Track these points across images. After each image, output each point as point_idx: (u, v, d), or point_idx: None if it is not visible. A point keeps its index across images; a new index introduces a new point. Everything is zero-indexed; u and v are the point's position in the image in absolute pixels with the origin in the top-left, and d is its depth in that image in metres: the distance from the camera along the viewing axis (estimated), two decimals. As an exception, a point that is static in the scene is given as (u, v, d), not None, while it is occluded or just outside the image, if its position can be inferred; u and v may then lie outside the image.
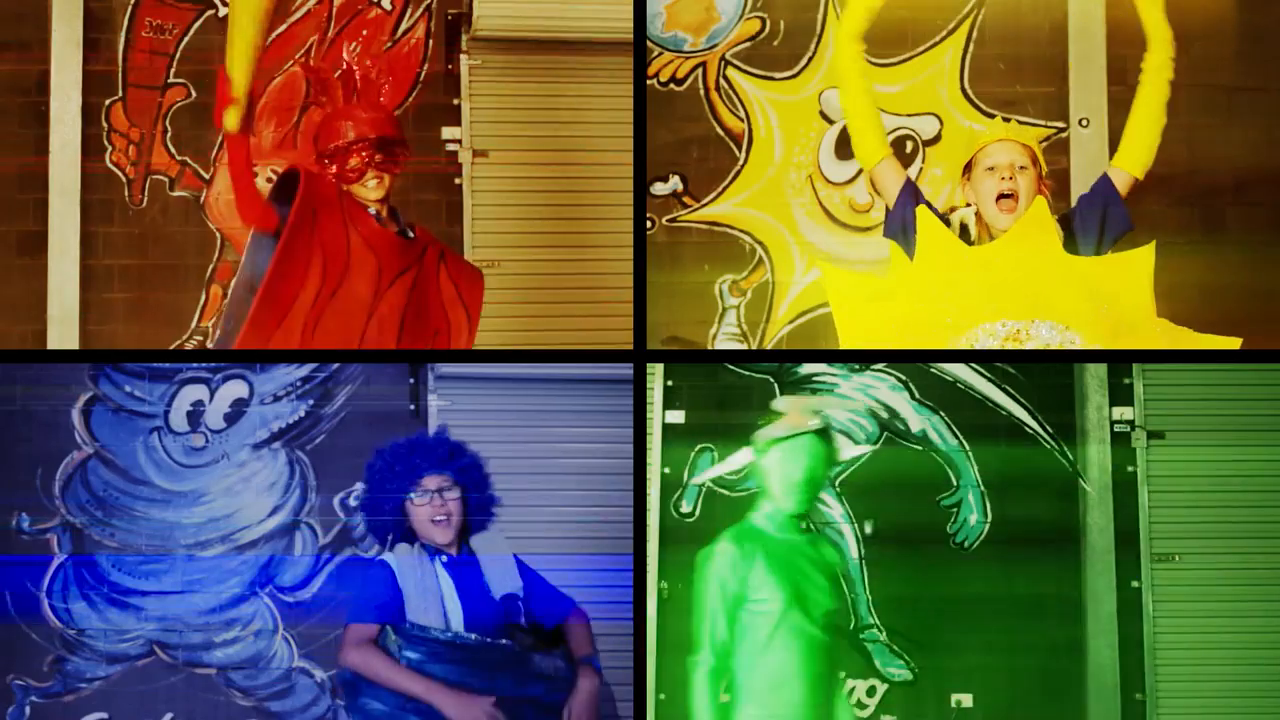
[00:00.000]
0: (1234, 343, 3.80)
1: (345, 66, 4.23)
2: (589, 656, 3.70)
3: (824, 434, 3.51)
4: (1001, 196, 3.86)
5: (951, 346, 3.82)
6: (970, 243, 3.93)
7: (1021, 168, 3.87)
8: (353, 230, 4.05)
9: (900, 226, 3.95)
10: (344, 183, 4.11)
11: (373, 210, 4.12)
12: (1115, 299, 3.76)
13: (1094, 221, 3.90)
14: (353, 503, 4.63)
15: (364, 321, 4.05)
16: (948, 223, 3.93)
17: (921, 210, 3.91)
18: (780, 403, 3.56)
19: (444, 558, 3.71)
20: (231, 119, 3.92)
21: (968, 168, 3.95)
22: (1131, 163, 3.90)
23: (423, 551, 3.70)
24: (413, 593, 3.61)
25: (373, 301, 4.05)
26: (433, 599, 3.61)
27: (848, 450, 3.60)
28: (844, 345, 3.94)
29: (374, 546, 3.86)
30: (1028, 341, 3.77)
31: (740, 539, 3.46)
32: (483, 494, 3.81)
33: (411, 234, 4.22)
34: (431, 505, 3.70)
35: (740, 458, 3.61)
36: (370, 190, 4.09)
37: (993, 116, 5.32)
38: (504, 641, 3.60)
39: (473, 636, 3.56)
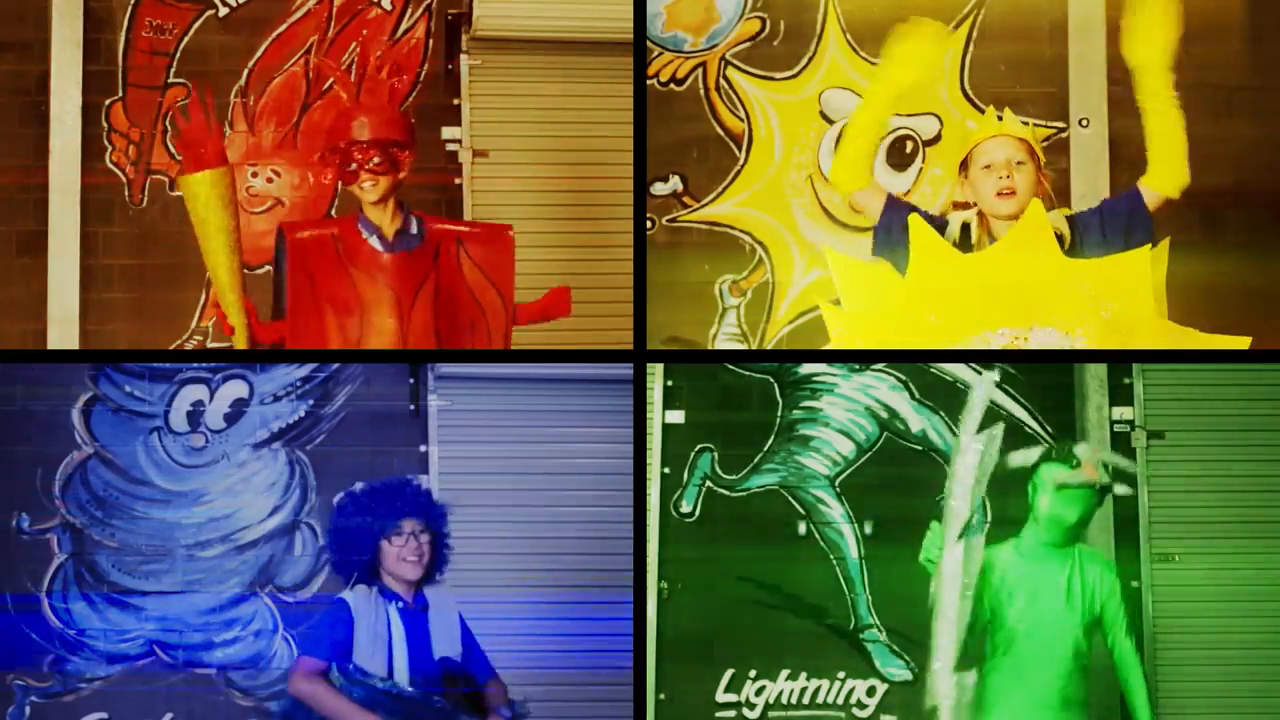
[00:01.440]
0: (1244, 342, 3.79)
1: (357, 61, 4.20)
2: (498, 707, 3.82)
3: (1104, 489, 3.78)
4: (1001, 193, 3.83)
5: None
6: (971, 244, 3.92)
7: (1019, 163, 3.84)
8: (356, 271, 4.04)
9: (888, 242, 3.93)
10: (342, 182, 4.09)
11: (375, 236, 4.07)
12: (1116, 301, 3.75)
13: (1119, 229, 3.86)
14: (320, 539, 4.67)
15: (398, 345, 4.04)
16: (947, 224, 3.92)
17: (914, 219, 3.89)
18: (1081, 450, 3.78)
19: (400, 603, 3.75)
20: (239, 341, 4.08)
21: (964, 165, 3.93)
22: (1163, 184, 3.86)
23: (379, 596, 3.75)
24: (363, 637, 3.69)
25: (401, 327, 4.03)
26: (380, 645, 3.69)
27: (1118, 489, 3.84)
28: (844, 314, 3.93)
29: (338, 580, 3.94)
30: (1029, 346, 3.76)
31: (998, 559, 3.75)
32: (445, 543, 3.91)
33: (417, 230, 4.14)
34: (407, 546, 3.75)
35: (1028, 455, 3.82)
36: (367, 192, 4.05)
37: (986, 109, 5.33)
38: (436, 699, 3.67)
39: (410, 689, 3.64)
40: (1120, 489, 4.21)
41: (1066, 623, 3.64)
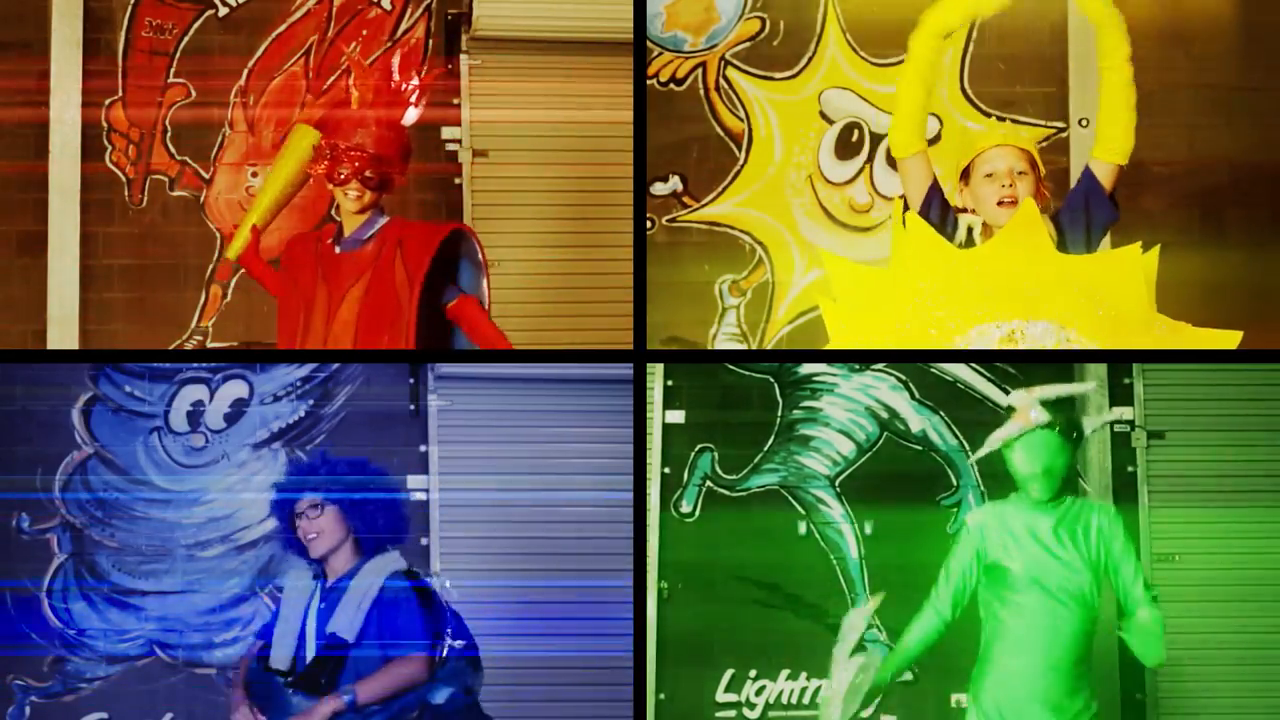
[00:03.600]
0: (1234, 336, 3.78)
1: (381, 66, 4.17)
2: (350, 694, 3.61)
3: (1053, 425, 3.65)
4: (1002, 203, 3.83)
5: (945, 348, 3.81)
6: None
7: (1020, 173, 3.83)
8: (318, 269, 4.10)
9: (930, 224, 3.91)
10: (330, 182, 4.05)
11: (338, 242, 4.09)
12: (1110, 296, 3.75)
13: (1080, 215, 3.86)
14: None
15: (322, 342, 4.05)
16: (956, 225, 3.91)
17: (911, 216, 3.88)
18: (1013, 397, 3.72)
19: (324, 582, 3.72)
20: (234, 249, 4.30)
21: (965, 174, 3.92)
22: (1109, 151, 3.84)
23: (315, 579, 3.74)
24: (280, 620, 3.70)
25: (325, 325, 4.04)
26: (290, 628, 3.67)
27: (1088, 424, 3.77)
28: (832, 333, 3.92)
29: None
30: (1023, 343, 3.76)
31: (994, 512, 3.71)
32: (362, 495, 3.78)
33: (373, 231, 4.08)
34: (303, 525, 3.73)
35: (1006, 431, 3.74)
36: (349, 201, 4.03)
37: (990, 117, 5.32)
38: (280, 676, 3.66)
39: (278, 669, 3.65)
40: (1096, 421, 4.12)
41: (1071, 574, 3.60)
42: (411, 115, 4.15)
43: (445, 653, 3.70)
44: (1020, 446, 3.66)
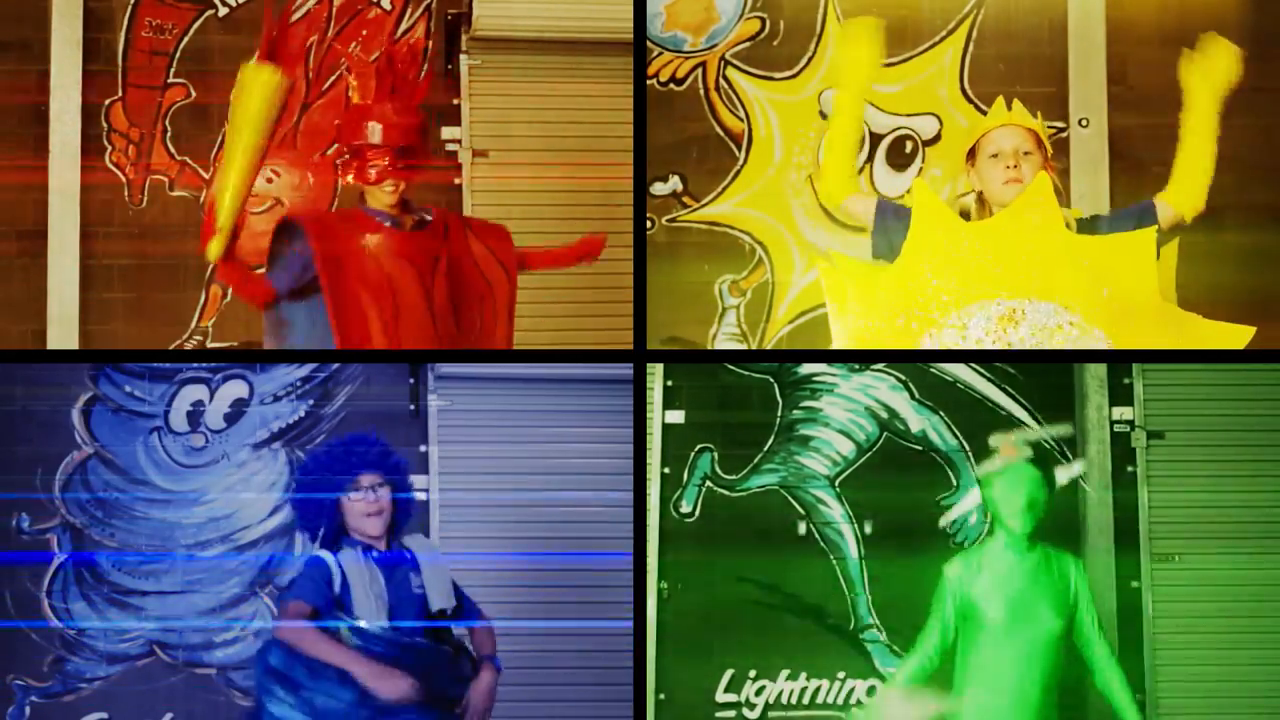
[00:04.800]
0: (1248, 331, 3.78)
1: (383, 58, 4.12)
2: (491, 655, 3.84)
3: (1035, 461, 3.73)
4: (1008, 182, 3.83)
5: (945, 324, 3.80)
6: None
7: (1026, 153, 3.84)
8: (379, 250, 3.98)
9: (888, 245, 3.92)
10: (361, 182, 4.01)
11: (386, 219, 4.01)
12: (1118, 280, 3.74)
13: (1124, 229, 3.86)
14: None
15: (430, 322, 4.00)
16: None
17: (918, 183, 3.91)
18: (995, 438, 3.80)
19: (375, 553, 3.75)
20: (213, 249, 3.85)
21: (971, 154, 3.93)
22: (1180, 203, 3.85)
23: (362, 554, 3.75)
24: (359, 592, 3.68)
25: (428, 302, 4.00)
26: (374, 598, 3.69)
27: (1062, 474, 3.86)
28: (835, 325, 3.92)
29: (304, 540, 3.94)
30: (1023, 321, 3.75)
31: (970, 558, 3.77)
32: (408, 493, 3.89)
33: (429, 216, 4.10)
34: (366, 501, 3.76)
35: (971, 500, 4.03)
36: (386, 195, 3.98)
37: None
38: (426, 643, 3.70)
39: (417, 638, 3.69)
40: (1064, 473, 4.17)
41: (1042, 619, 3.66)
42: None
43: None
44: (1002, 480, 3.71)
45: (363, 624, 3.64)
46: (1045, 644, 3.64)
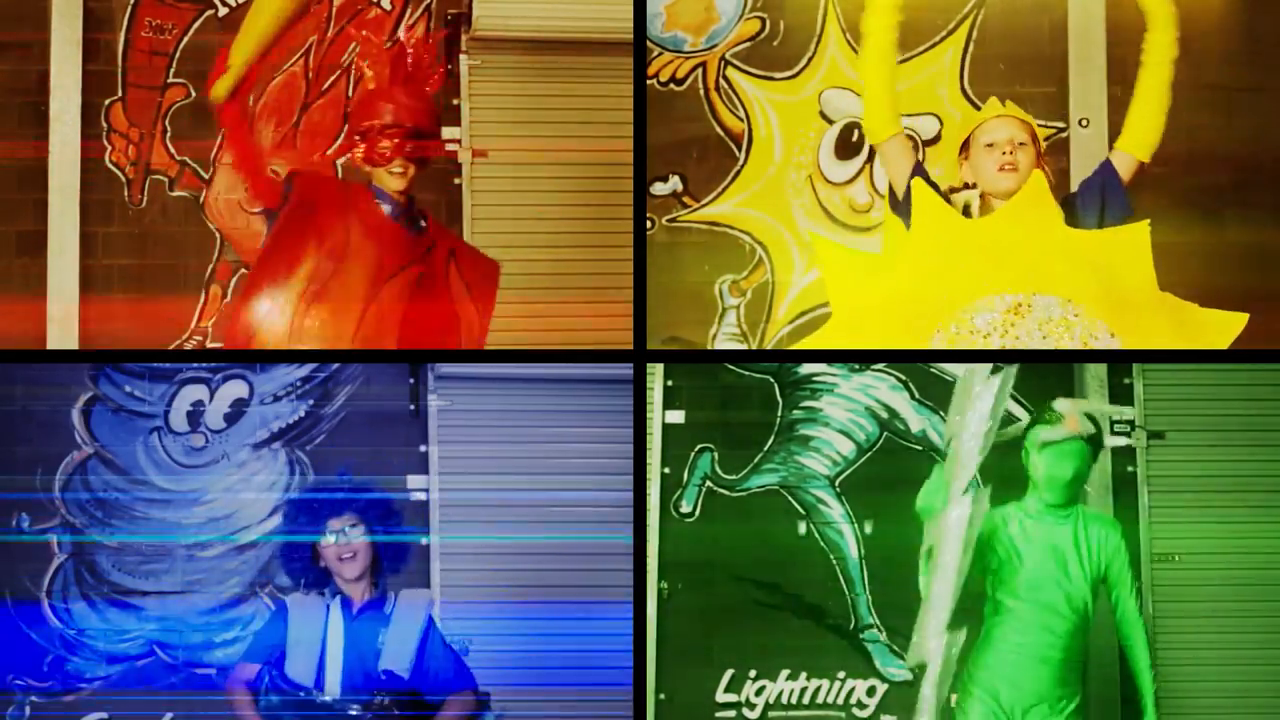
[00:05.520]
0: (1240, 319, 3.79)
1: (398, 44, 4.11)
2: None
3: (1093, 439, 3.75)
4: (1003, 168, 3.82)
5: (949, 321, 3.81)
6: None
7: (1021, 144, 3.84)
8: (355, 221, 3.93)
9: (908, 211, 3.91)
10: (370, 164, 3.99)
11: (388, 204, 4.00)
12: (1116, 272, 3.75)
13: (1094, 205, 3.86)
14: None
15: (360, 312, 3.96)
16: (950, 203, 3.90)
17: (917, 183, 3.88)
18: (1061, 404, 3.79)
19: (348, 608, 3.74)
20: (220, 87, 3.82)
21: (965, 147, 3.92)
22: (1135, 145, 3.85)
23: (330, 598, 3.74)
24: (294, 644, 3.70)
25: (369, 293, 3.97)
26: (309, 652, 3.70)
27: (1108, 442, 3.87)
28: (836, 319, 3.92)
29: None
30: (1028, 315, 3.75)
31: (1002, 520, 3.76)
32: (392, 529, 3.86)
33: (424, 223, 4.09)
34: (338, 545, 3.75)
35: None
36: (394, 179, 3.96)
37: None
38: (354, 710, 3.67)
39: (328, 699, 3.66)
40: (1116, 440, 4.19)
41: (1072, 582, 3.68)
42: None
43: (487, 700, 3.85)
44: (1053, 452, 3.71)
45: (271, 697, 3.66)
46: (1068, 606, 3.67)
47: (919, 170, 3.92)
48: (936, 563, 3.62)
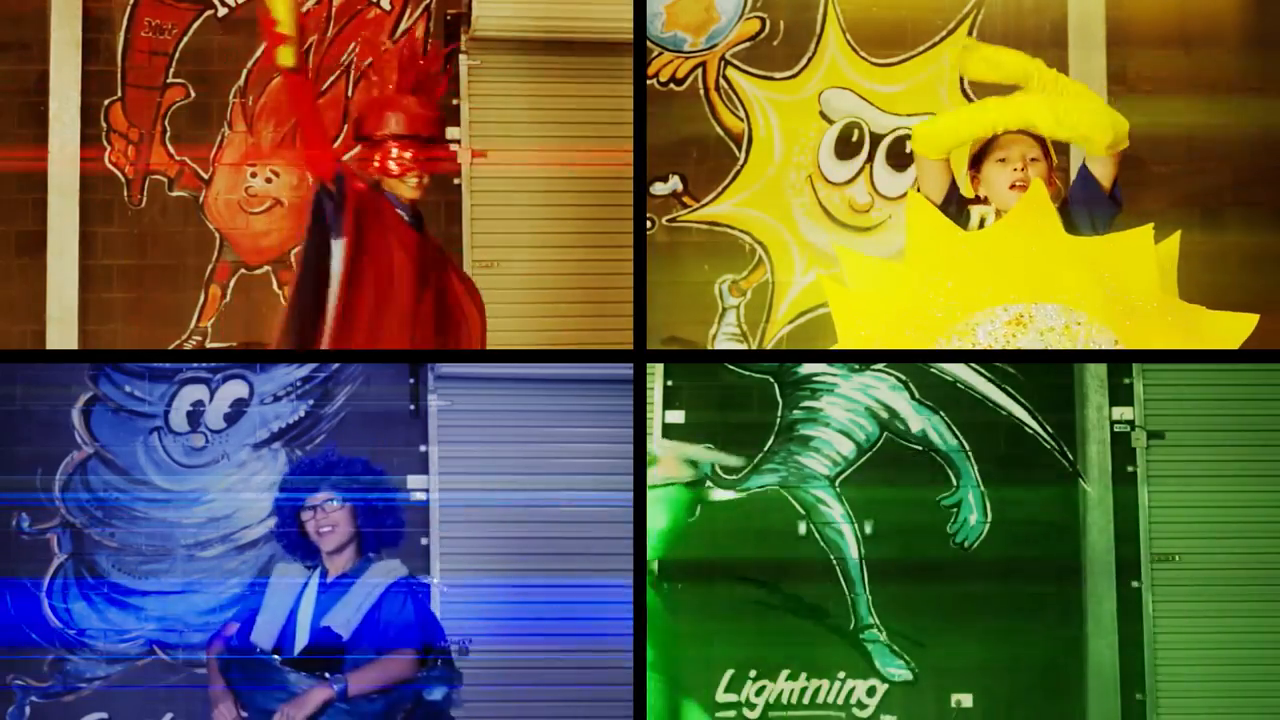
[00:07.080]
0: (1250, 320, 3.78)
1: (407, 50, 4.11)
2: (345, 685, 3.62)
3: (695, 484, 3.59)
4: (1014, 186, 3.81)
5: (953, 333, 3.80)
6: None
7: (1033, 159, 3.83)
8: (392, 236, 3.96)
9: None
10: (384, 175, 3.99)
11: (404, 211, 4.01)
12: (1119, 278, 3.74)
13: (1083, 210, 3.86)
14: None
15: (411, 325, 3.98)
16: (969, 217, 3.89)
17: (913, 197, 3.88)
18: (658, 447, 3.59)
19: (324, 576, 3.74)
20: (286, 56, 3.68)
21: (976, 162, 3.92)
22: (1087, 144, 3.83)
23: (311, 573, 3.75)
24: (265, 608, 3.71)
25: (415, 306, 3.99)
26: (274, 618, 3.69)
27: (717, 494, 3.70)
28: (840, 331, 3.91)
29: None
30: (1032, 324, 3.74)
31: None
32: (371, 496, 3.82)
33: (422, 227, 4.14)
34: (315, 519, 3.74)
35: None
36: (409, 189, 3.99)
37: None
38: (276, 658, 3.67)
39: (274, 657, 3.66)
40: (720, 494, 4.07)
41: None
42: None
43: (436, 659, 3.73)
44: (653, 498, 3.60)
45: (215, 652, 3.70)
46: None
47: (954, 189, 3.91)
48: None
